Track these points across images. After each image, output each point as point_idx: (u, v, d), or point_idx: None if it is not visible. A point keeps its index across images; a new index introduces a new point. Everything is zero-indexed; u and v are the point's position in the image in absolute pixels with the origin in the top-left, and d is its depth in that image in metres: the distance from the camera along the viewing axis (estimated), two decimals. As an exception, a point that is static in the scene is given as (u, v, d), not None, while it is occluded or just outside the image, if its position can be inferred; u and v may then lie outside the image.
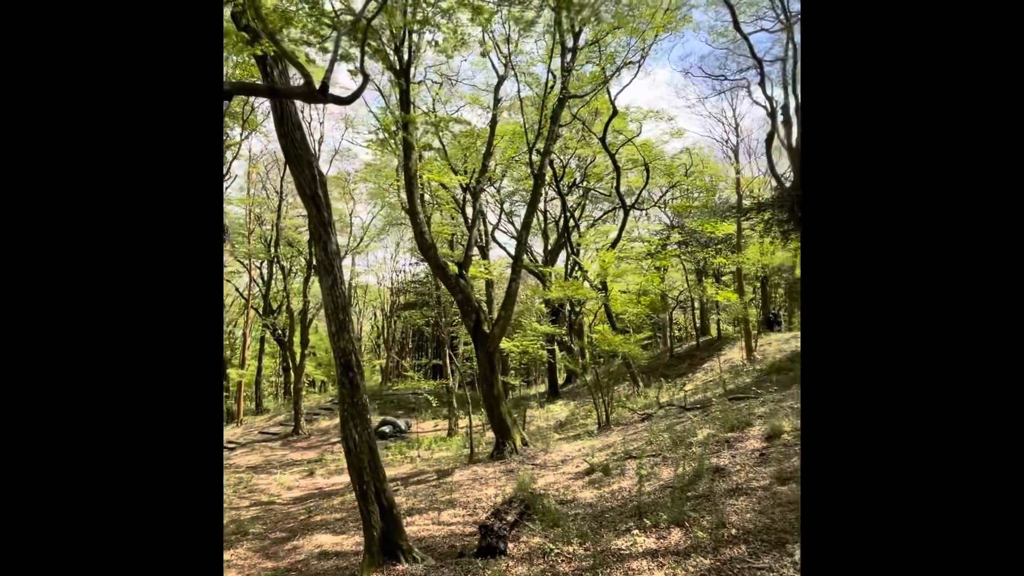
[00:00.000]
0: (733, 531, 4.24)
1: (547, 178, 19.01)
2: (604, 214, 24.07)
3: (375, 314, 35.71)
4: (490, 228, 22.52)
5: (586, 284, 17.09)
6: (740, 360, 15.19)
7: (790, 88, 13.17)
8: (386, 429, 17.46)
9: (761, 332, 17.92)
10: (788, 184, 11.69)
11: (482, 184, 13.51)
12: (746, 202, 16.35)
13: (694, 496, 5.23)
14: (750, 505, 4.69)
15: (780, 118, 13.17)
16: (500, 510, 5.61)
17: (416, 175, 10.56)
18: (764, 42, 37.01)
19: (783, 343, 15.57)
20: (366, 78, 4.62)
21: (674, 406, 11.02)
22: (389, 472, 10.89)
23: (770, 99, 13.70)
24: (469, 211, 15.30)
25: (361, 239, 24.31)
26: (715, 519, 4.43)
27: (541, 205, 22.07)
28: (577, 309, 18.85)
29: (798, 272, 20.18)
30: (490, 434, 11.30)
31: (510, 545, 4.96)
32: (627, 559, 4.21)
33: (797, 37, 13.87)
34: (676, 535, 4.44)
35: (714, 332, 21.83)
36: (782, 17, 13.28)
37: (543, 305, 20.25)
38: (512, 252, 14.30)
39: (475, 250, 18.13)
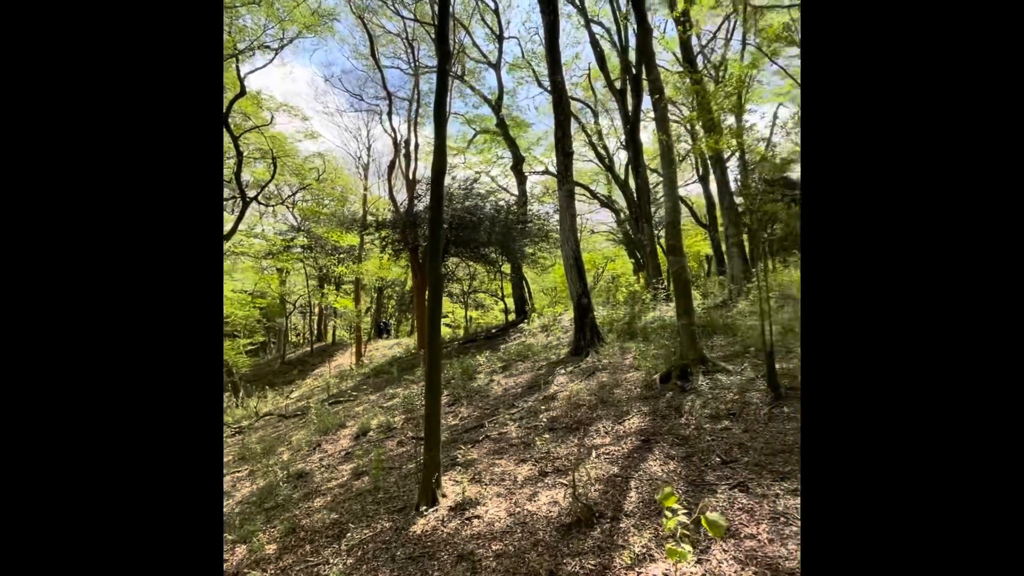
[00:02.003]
0: (301, 534, 4.39)
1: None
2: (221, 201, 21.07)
3: None
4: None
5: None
6: (349, 365, 16.04)
7: (412, 127, 15.21)
8: None
9: (372, 338, 19.52)
10: (403, 210, 13.34)
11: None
12: (370, 219, 17.63)
13: (271, 507, 5.14)
14: (324, 504, 4.97)
15: (403, 151, 15.00)
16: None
17: None
18: (399, 79, 41.40)
19: (388, 348, 17.44)
20: None
21: (274, 415, 10.58)
22: None
23: (396, 131, 15.41)
24: None
25: None
26: (285, 527, 4.47)
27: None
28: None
29: (408, 286, 23.19)
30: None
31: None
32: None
33: (423, 86, 16.18)
34: (240, 553, 4.23)
35: (330, 338, 22.32)
36: (412, 64, 15.25)
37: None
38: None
39: None
